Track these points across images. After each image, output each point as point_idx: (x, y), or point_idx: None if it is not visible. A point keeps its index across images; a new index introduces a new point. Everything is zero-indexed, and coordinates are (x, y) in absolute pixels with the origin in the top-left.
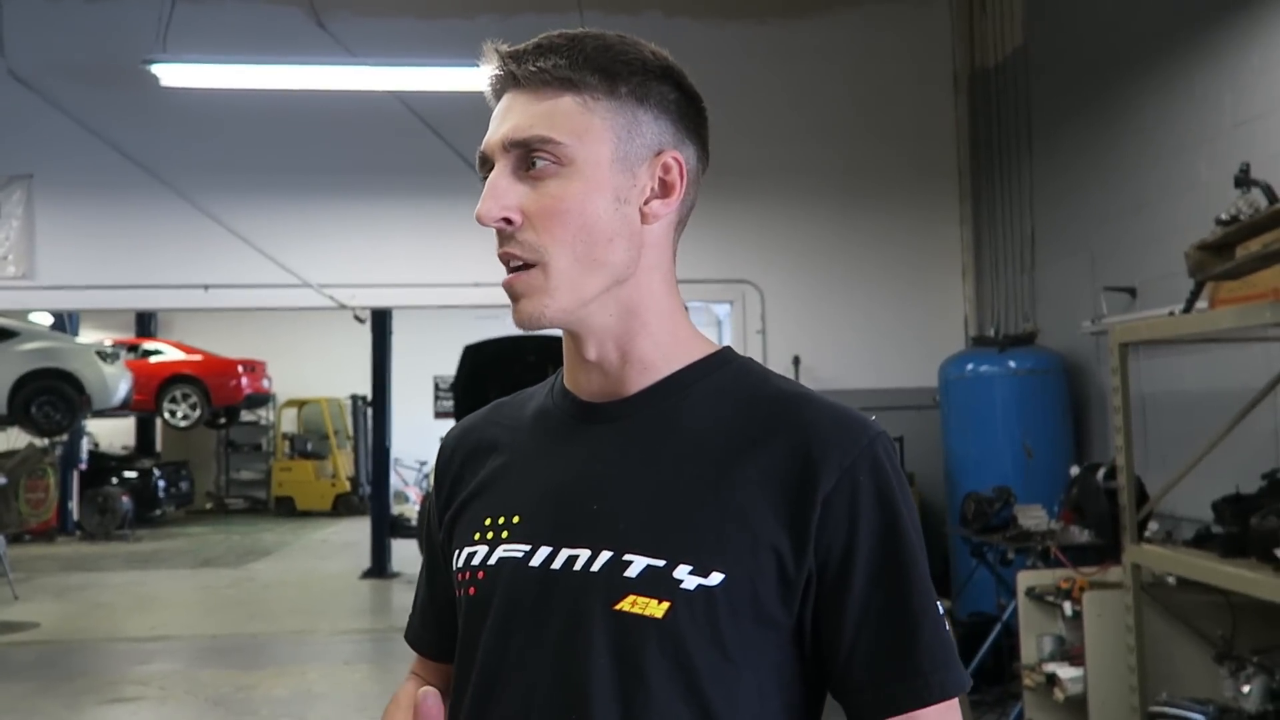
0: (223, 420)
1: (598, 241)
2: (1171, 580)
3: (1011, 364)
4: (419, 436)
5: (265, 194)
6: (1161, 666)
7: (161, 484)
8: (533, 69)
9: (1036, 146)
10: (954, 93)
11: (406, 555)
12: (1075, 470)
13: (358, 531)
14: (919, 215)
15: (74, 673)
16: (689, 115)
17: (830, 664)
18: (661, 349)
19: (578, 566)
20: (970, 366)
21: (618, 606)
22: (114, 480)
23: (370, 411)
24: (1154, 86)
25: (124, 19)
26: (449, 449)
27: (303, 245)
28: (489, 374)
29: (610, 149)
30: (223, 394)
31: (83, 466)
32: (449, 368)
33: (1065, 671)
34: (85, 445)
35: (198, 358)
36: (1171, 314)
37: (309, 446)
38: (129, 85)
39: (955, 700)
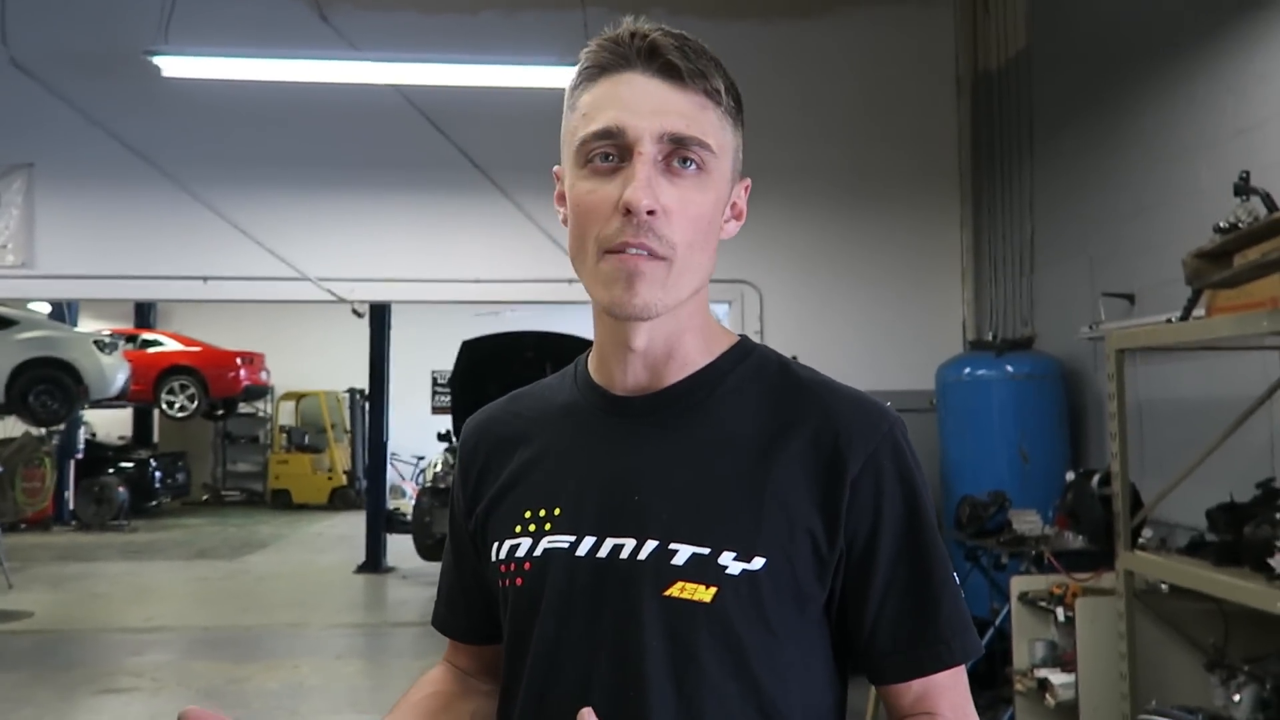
0: (220, 412)
1: (706, 249)
2: (1164, 587)
3: (1009, 368)
4: (416, 431)
5: (265, 186)
6: (1153, 674)
7: (158, 475)
8: (695, 67)
9: (1037, 150)
10: (956, 95)
11: (402, 550)
12: (1070, 476)
13: (353, 525)
14: (919, 217)
15: (68, 662)
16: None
17: (856, 633)
18: (698, 344)
19: (624, 555)
20: (968, 370)
21: (667, 593)
22: (110, 470)
23: (368, 406)
24: (1155, 92)
25: (126, 9)
26: (472, 440)
27: (302, 238)
28: (487, 369)
29: (729, 167)
30: (221, 386)
31: (79, 456)
32: (447, 363)
33: (1057, 677)
34: (82, 435)
35: (196, 349)
36: (1169, 321)
37: (306, 439)
38: (131, 76)
39: (964, 666)
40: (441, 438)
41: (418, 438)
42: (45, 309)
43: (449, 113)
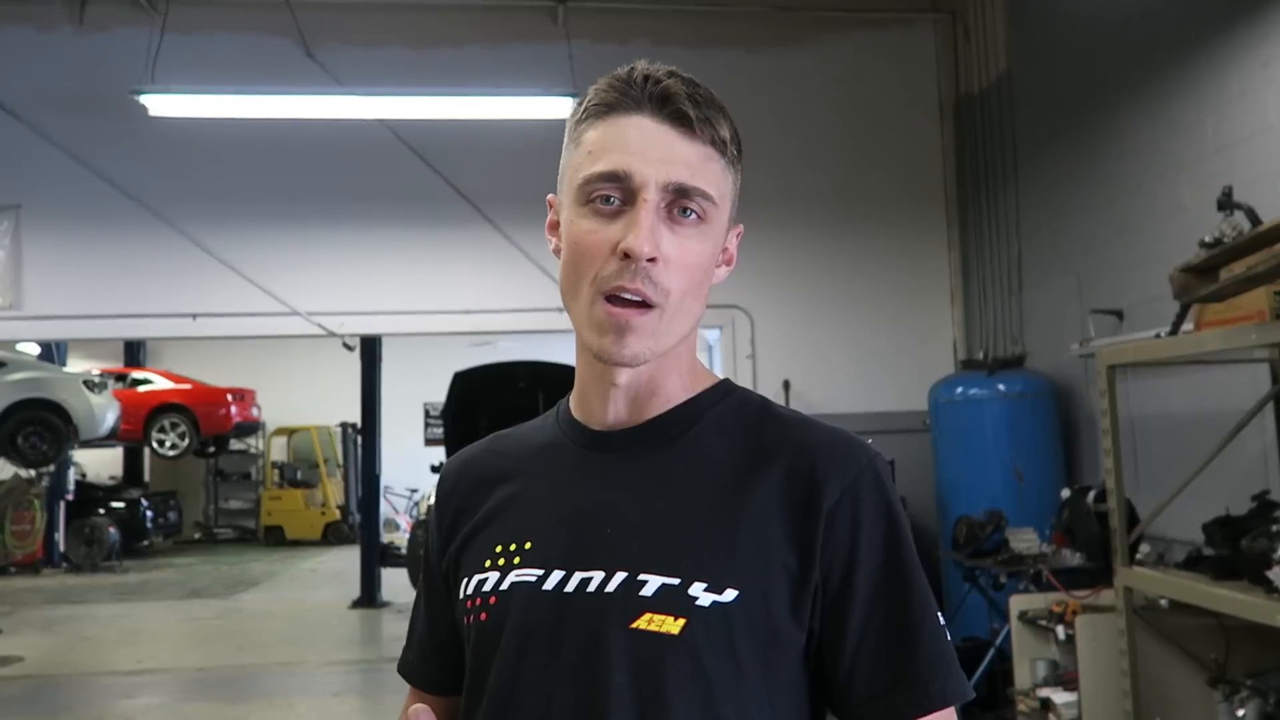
0: (211, 449)
1: (699, 296)
2: (1164, 603)
3: (1001, 387)
4: (409, 464)
5: (254, 222)
6: (1155, 690)
7: (149, 514)
8: (703, 116)
9: (1022, 172)
10: (940, 119)
11: (396, 584)
12: (1066, 493)
13: (347, 560)
14: (907, 240)
15: (59, 707)
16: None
17: (832, 675)
18: (682, 382)
19: (591, 588)
20: (960, 389)
21: (634, 625)
22: (101, 511)
23: (360, 439)
24: (1136, 112)
25: (112, 49)
26: (450, 480)
27: (292, 273)
28: (479, 401)
29: (727, 216)
30: (212, 423)
31: (69, 497)
32: (439, 395)
33: (1059, 696)
34: (72, 475)
35: (186, 386)
36: (1158, 336)
37: (298, 475)
38: (117, 115)
39: (952, 709)
40: (435, 470)
41: (410, 470)
42: (34, 350)
43: (436, 146)
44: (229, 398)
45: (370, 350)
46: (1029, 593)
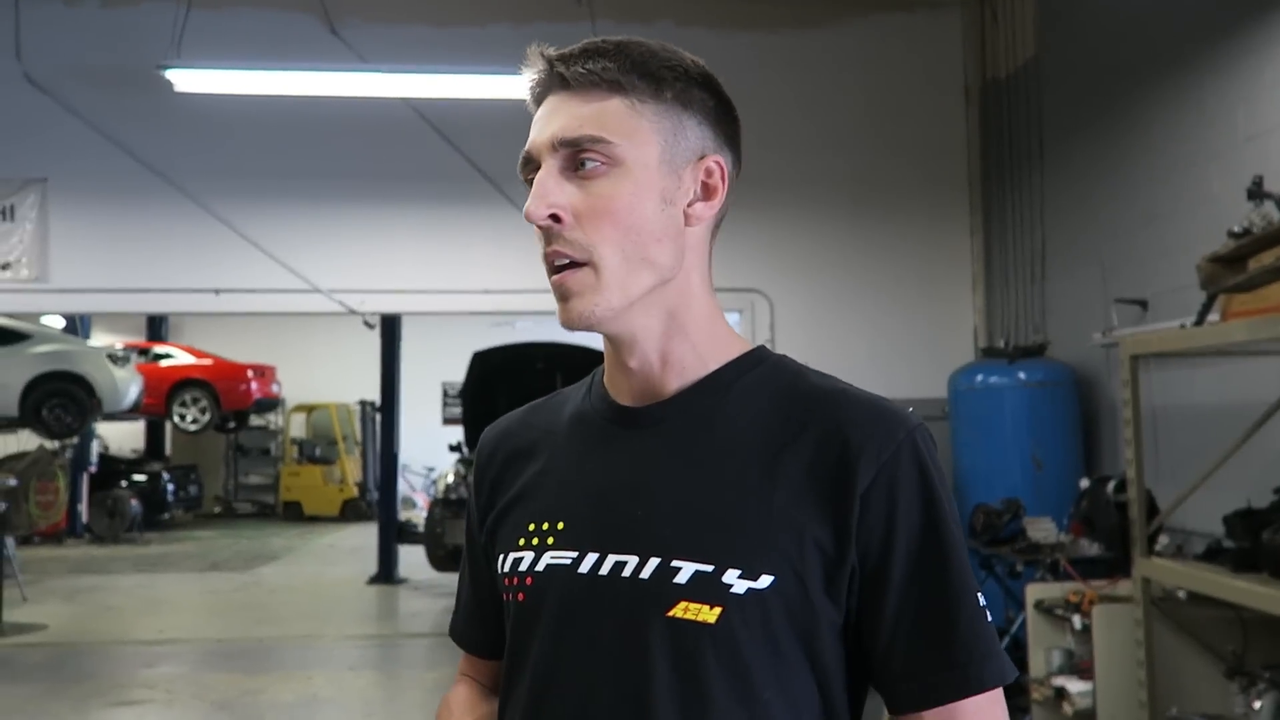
0: (232, 424)
1: (646, 241)
2: (1182, 594)
3: (1021, 375)
4: (427, 443)
5: (277, 199)
6: (1171, 681)
7: (170, 487)
8: (581, 70)
9: (1047, 158)
10: (965, 103)
11: (413, 561)
12: (1085, 483)
13: (365, 537)
14: (929, 226)
15: (82, 675)
16: (726, 122)
17: (871, 656)
18: (699, 350)
19: (626, 573)
20: (980, 378)
21: (670, 613)
22: (123, 483)
23: (379, 417)
24: (1166, 99)
25: (139, 24)
26: (487, 452)
27: (314, 250)
28: (497, 381)
29: (657, 151)
30: (232, 398)
31: (92, 469)
32: (457, 374)
33: (1074, 685)
34: (95, 448)
35: (208, 362)
36: (1183, 327)
37: (317, 451)
38: (143, 90)
39: (998, 691)
40: (453, 449)
41: (428, 449)
42: (59, 323)
43: (458, 125)
44: (250, 374)
45: (390, 329)
46: (1045, 581)
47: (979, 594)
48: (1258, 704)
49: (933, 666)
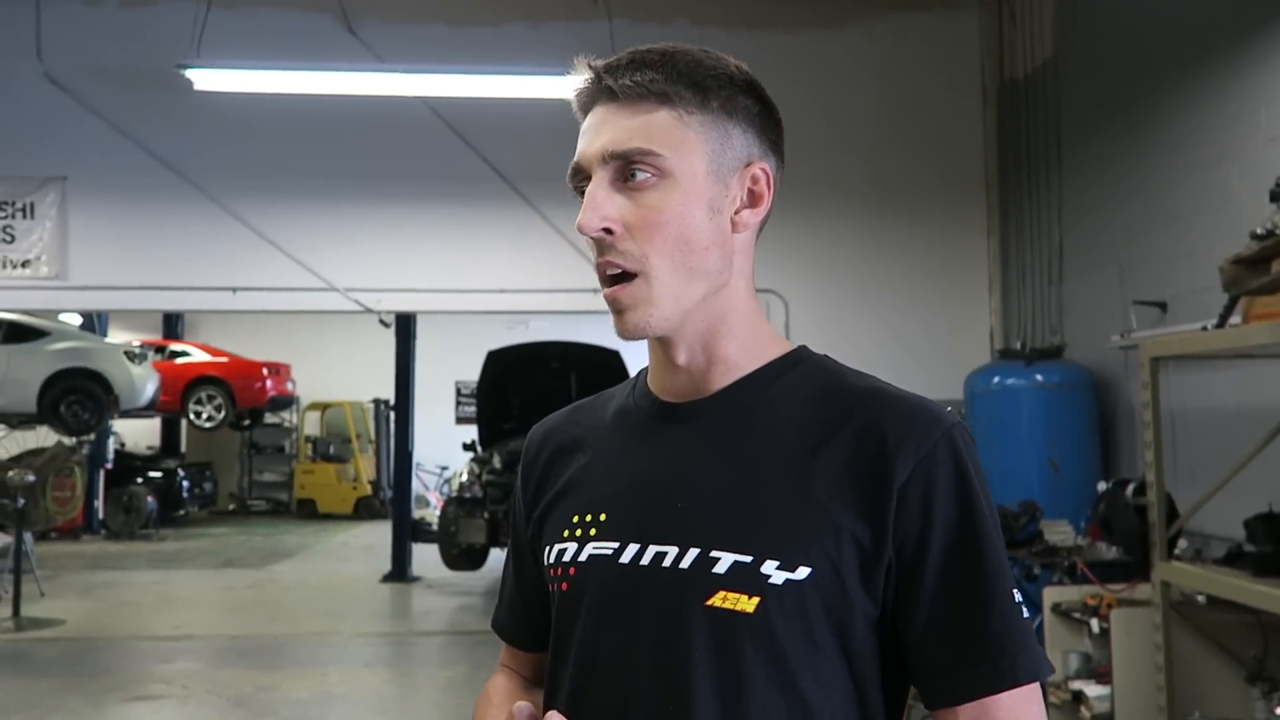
0: (247, 422)
1: (695, 251)
2: (1201, 599)
3: (1039, 377)
4: (440, 441)
5: (294, 198)
6: (1189, 686)
7: (185, 484)
8: (628, 83)
9: (1065, 159)
10: (982, 104)
11: (427, 559)
12: (1102, 486)
13: (378, 535)
14: (945, 226)
15: (99, 670)
16: (770, 127)
17: (906, 650)
18: (744, 350)
19: (666, 563)
20: (997, 379)
21: (709, 602)
22: (139, 480)
23: (393, 416)
24: (1186, 100)
25: (158, 24)
26: (534, 448)
27: (330, 249)
28: (512, 380)
29: (705, 161)
30: (247, 396)
31: (109, 466)
32: (470, 373)
33: (1092, 689)
34: (111, 445)
35: (223, 360)
36: (1204, 329)
37: (331, 449)
38: (162, 89)
39: (1034, 686)
40: (467, 448)
41: (441, 448)
42: (76, 320)
43: (475, 124)
44: (265, 372)
45: (405, 328)
46: (1063, 585)
47: (1015, 590)
48: (1279, 710)
49: (965, 661)
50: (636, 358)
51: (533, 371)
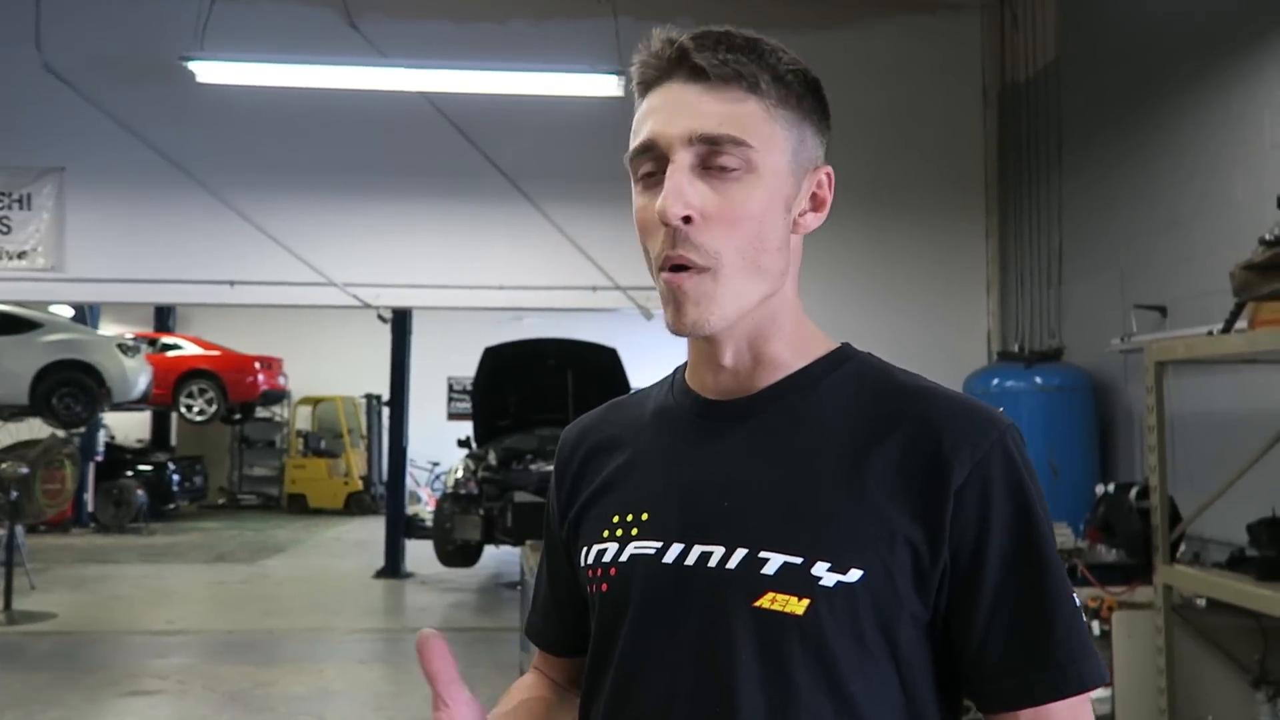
0: (238, 416)
1: (767, 250)
2: (1201, 602)
3: (1038, 380)
4: (432, 437)
5: (294, 192)
6: (1190, 689)
7: (176, 478)
8: (718, 61)
9: (1066, 162)
10: (983, 106)
11: (420, 555)
12: (1101, 489)
13: (370, 530)
14: (945, 228)
15: (93, 664)
16: (827, 131)
17: (962, 655)
18: (790, 348)
19: (712, 563)
20: (996, 381)
21: (757, 603)
22: (129, 473)
23: (388, 411)
24: (1189, 105)
25: (159, 16)
26: (569, 447)
27: (330, 244)
28: (508, 376)
29: (786, 159)
30: (239, 390)
31: (99, 458)
32: (463, 369)
33: (1093, 692)
34: (101, 437)
35: (215, 353)
36: (1210, 333)
37: (323, 444)
38: (162, 81)
39: (1086, 694)
40: (462, 444)
41: (433, 444)
42: (68, 312)
43: (477, 120)
44: (257, 366)
45: (401, 323)
46: None
47: (1074, 594)
48: None
49: (1031, 665)
50: (633, 356)
51: (529, 368)
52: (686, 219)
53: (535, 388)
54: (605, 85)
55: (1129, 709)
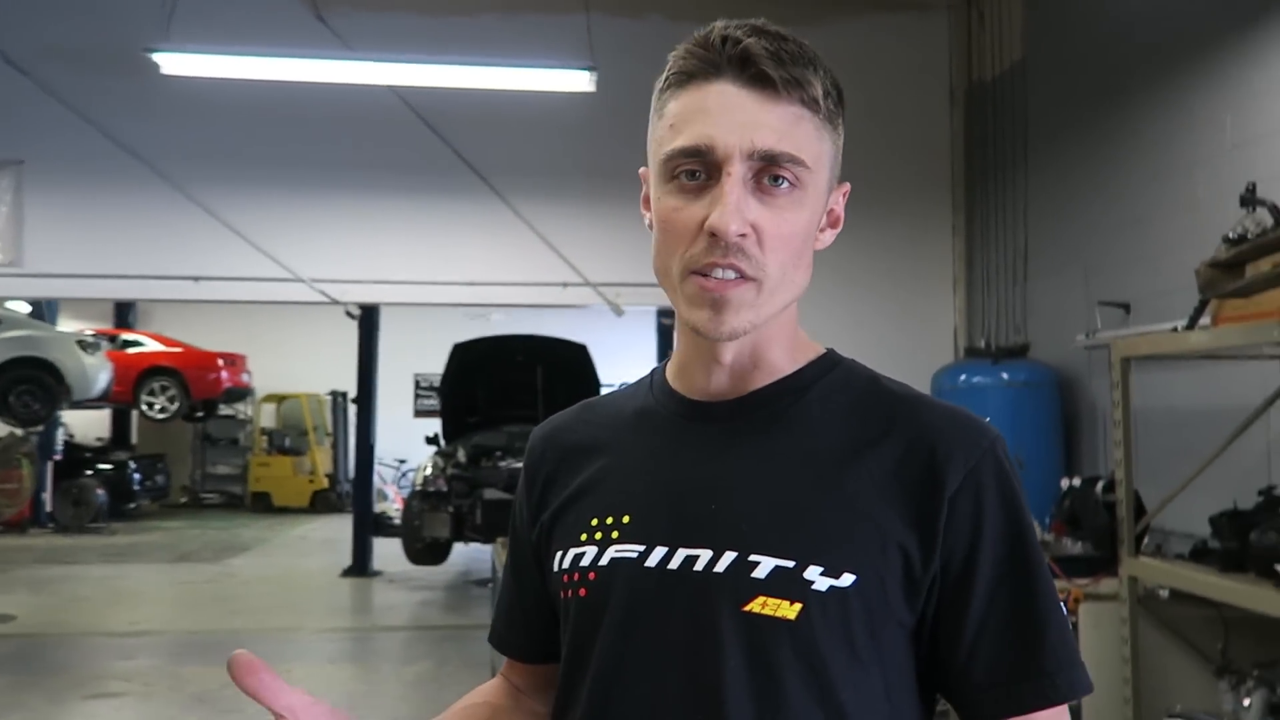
0: (200, 414)
1: (800, 266)
2: (1164, 593)
3: (1005, 376)
4: (398, 435)
5: (260, 187)
6: (1154, 679)
7: (137, 477)
8: (791, 75)
9: (1032, 160)
10: (950, 104)
11: (388, 554)
12: (1067, 483)
13: (336, 529)
14: (912, 225)
15: (55, 667)
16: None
17: (949, 663)
18: (785, 352)
19: (699, 567)
20: (964, 377)
21: (747, 608)
22: (89, 472)
23: (355, 409)
24: (1153, 105)
25: (122, 5)
26: (540, 449)
27: (297, 240)
28: (477, 372)
29: (826, 177)
30: (202, 387)
31: (57, 457)
32: (430, 366)
33: None
34: (60, 436)
35: (177, 350)
36: (1175, 330)
37: (287, 442)
38: (125, 73)
39: (1065, 705)
40: (430, 441)
41: (400, 441)
42: (25, 308)
43: (446, 115)
44: (220, 362)
45: (368, 320)
46: None
47: (1062, 604)
48: (1247, 701)
49: (1021, 674)
50: (602, 353)
51: (499, 365)
52: (740, 235)
53: (504, 384)
54: (577, 81)
55: (1095, 699)
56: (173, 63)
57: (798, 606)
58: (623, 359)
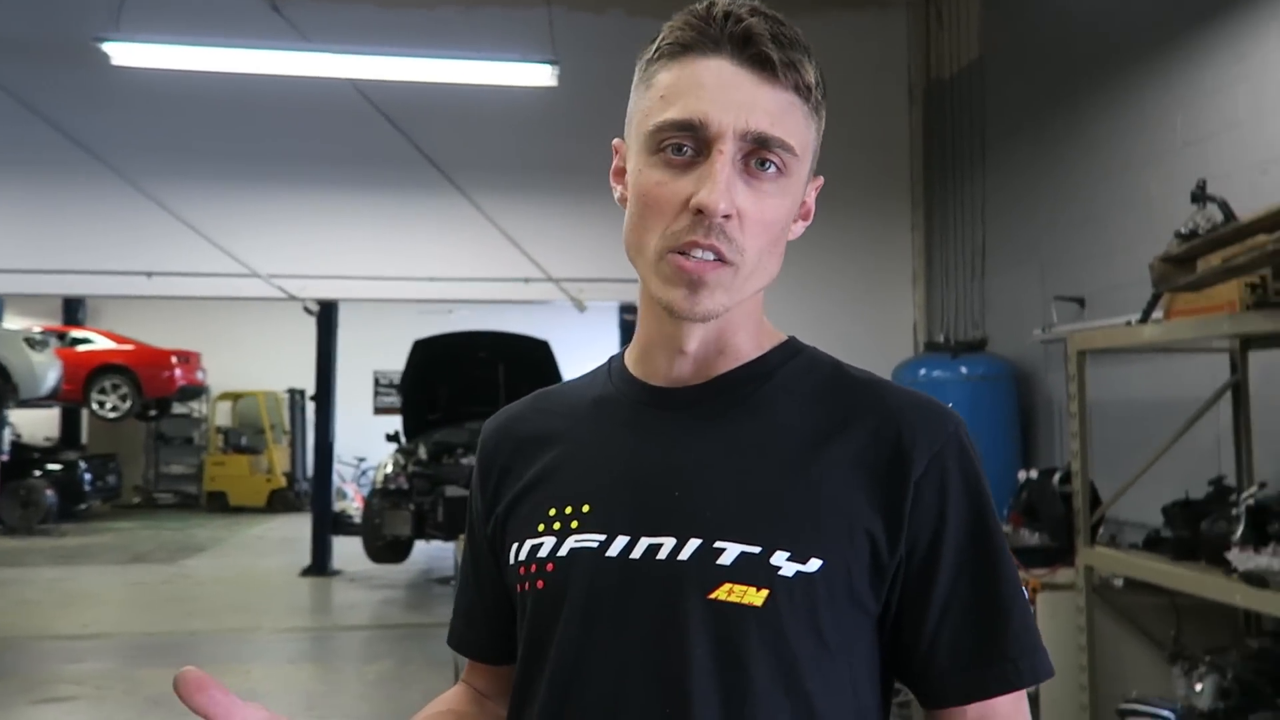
0: (153, 412)
1: (775, 254)
2: (1118, 582)
3: (964, 370)
4: (358, 433)
5: (215, 181)
6: (1110, 666)
7: (88, 477)
8: (789, 60)
9: (989, 158)
10: (909, 103)
11: (348, 553)
12: (1024, 475)
13: (294, 528)
14: (872, 221)
15: (4, 670)
16: None
17: (912, 649)
18: (750, 338)
19: (662, 555)
20: (924, 371)
21: (713, 595)
22: (37, 472)
23: (314, 406)
24: (1106, 103)
25: None
26: (493, 440)
27: (253, 234)
28: (438, 369)
29: (808, 166)
30: (155, 385)
31: (4, 458)
32: (389, 363)
33: None
34: (7, 435)
35: (129, 347)
36: (1129, 324)
37: (244, 440)
38: (75, 64)
39: (1024, 690)
40: (390, 438)
41: (359, 439)
42: None
43: (405, 109)
44: (173, 360)
45: (327, 316)
46: None
47: (1024, 589)
48: (1199, 686)
49: (985, 659)
50: (565, 349)
51: (460, 361)
52: (726, 215)
53: (466, 381)
54: (539, 75)
55: (1052, 687)
56: (124, 53)
57: (764, 593)
58: (585, 355)
